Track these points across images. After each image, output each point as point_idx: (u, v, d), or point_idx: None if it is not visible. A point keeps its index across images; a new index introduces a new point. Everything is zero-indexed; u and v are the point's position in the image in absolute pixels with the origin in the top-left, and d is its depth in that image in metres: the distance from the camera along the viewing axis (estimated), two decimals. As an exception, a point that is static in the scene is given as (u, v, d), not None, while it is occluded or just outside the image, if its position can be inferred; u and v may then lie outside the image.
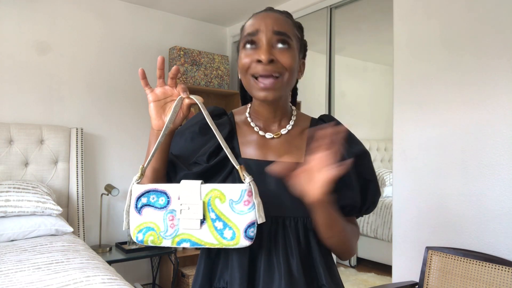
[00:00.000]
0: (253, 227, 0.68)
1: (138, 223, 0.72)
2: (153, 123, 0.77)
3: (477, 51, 1.80)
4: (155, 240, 0.71)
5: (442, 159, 1.93)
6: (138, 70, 3.41)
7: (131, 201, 0.73)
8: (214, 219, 0.69)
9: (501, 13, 1.72)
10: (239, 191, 0.69)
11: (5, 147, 2.41)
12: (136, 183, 0.74)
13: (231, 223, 0.68)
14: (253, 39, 0.79)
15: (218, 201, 0.69)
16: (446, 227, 1.90)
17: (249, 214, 0.68)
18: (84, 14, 2.84)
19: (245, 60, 0.79)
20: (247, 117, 0.89)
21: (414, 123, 2.05)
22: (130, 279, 2.94)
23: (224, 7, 3.13)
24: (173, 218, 0.71)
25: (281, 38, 0.78)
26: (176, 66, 0.73)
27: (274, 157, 0.84)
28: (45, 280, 1.45)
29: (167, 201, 0.71)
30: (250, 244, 0.68)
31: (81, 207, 2.60)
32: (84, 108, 2.83)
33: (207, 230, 0.69)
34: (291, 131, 0.87)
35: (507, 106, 1.70)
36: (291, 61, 0.79)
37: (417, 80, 2.04)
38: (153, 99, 0.76)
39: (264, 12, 0.83)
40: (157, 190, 0.72)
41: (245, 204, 0.68)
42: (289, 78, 0.80)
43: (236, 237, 0.68)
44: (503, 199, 1.70)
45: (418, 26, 2.04)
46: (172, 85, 0.76)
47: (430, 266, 1.82)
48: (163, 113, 0.76)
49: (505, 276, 1.59)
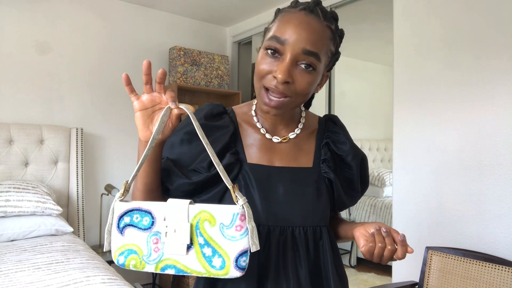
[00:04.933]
0: (245, 256, 0.61)
1: (120, 244, 0.65)
2: (140, 134, 0.69)
3: (477, 51, 1.79)
4: (137, 264, 0.64)
5: (442, 159, 1.92)
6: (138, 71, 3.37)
7: (113, 220, 0.66)
8: (203, 245, 0.62)
9: (501, 13, 1.72)
10: (230, 215, 0.62)
11: (5, 147, 2.41)
12: (118, 201, 0.67)
13: (221, 250, 0.61)
14: (278, 48, 0.71)
15: (208, 225, 0.62)
16: (446, 227, 1.90)
17: (242, 241, 0.61)
18: (84, 14, 2.84)
19: (262, 67, 0.72)
20: (252, 115, 0.83)
21: (414, 123, 2.05)
22: (130, 279, 2.93)
23: (224, 7, 3.13)
24: (157, 241, 0.64)
25: (307, 60, 0.70)
26: (162, 69, 0.66)
27: (281, 162, 0.79)
28: (45, 280, 1.45)
29: (152, 222, 0.64)
30: (241, 275, 0.62)
31: (81, 207, 2.59)
32: (84, 108, 2.83)
33: (194, 256, 0.62)
34: (300, 134, 0.83)
35: (507, 106, 1.70)
36: (308, 87, 0.72)
37: (417, 80, 2.04)
38: (140, 107, 0.68)
39: (304, 13, 0.72)
40: (141, 209, 0.65)
41: (237, 230, 0.61)
42: (300, 101, 0.75)
43: (226, 267, 0.61)
44: (503, 199, 1.70)
45: (418, 26, 2.03)
46: (160, 90, 0.68)
47: (430, 266, 1.82)
48: (150, 123, 0.69)
49: (505, 276, 1.59)
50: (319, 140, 0.84)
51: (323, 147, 0.83)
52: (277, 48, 0.71)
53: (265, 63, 0.72)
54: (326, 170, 0.80)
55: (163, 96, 0.68)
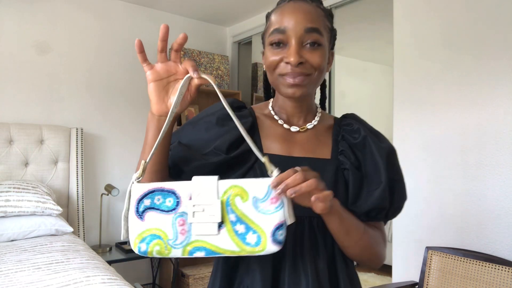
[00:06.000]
0: (282, 229, 0.58)
1: (140, 230, 0.61)
2: (154, 108, 0.65)
3: (477, 51, 1.79)
4: (162, 250, 0.60)
5: (442, 159, 1.92)
6: (138, 71, 3.37)
7: (130, 204, 0.62)
8: (235, 222, 0.59)
9: (501, 13, 1.72)
10: (265, 187, 0.58)
11: (5, 147, 2.41)
12: (136, 182, 0.62)
13: (255, 226, 0.58)
14: (281, 39, 0.72)
15: (239, 200, 0.59)
16: (446, 227, 1.90)
17: (277, 214, 0.58)
18: (84, 14, 2.84)
19: (272, 59, 0.73)
20: (270, 110, 0.83)
21: (414, 123, 2.05)
22: (130, 279, 2.93)
23: (224, 7, 3.13)
24: (183, 222, 0.59)
25: (312, 37, 0.72)
26: (184, 33, 0.61)
27: (299, 152, 0.78)
28: (45, 280, 1.45)
29: (176, 202, 0.60)
30: (278, 249, 0.58)
31: (81, 207, 2.60)
32: (84, 108, 2.83)
33: (226, 235, 0.58)
34: (317, 126, 0.82)
35: (507, 106, 1.70)
36: (321, 60, 0.73)
37: (417, 80, 2.04)
38: (154, 78, 0.64)
39: (293, 2, 0.74)
40: (164, 190, 0.60)
41: (272, 203, 0.58)
42: (318, 77, 0.75)
43: (262, 242, 0.58)
44: (503, 199, 1.70)
45: (418, 26, 2.03)
46: (175, 59, 0.64)
47: (430, 266, 1.82)
48: (165, 96, 0.65)
49: (505, 276, 1.59)
50: (336, 135, 0.82)
51: (340, 140, 0.81)
52: (281, 38, 0.72)
53: (274, 55, 0.73)
54: (344, 160, 0.77)
55: (179, 65, 0.64)
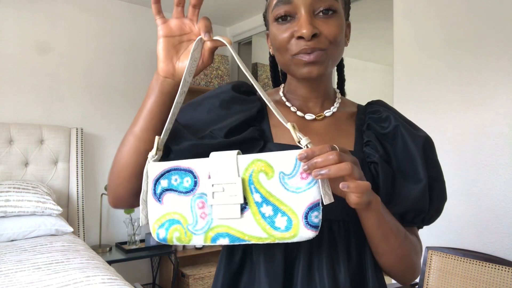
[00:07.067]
0: (317, 210, 0.48)
1: (159, 214, 0.54)
2: (161, 66, 0.57)
3: (477, 51, 1.79)
4: (181, 237, 0.53)
5: (442, 159, 1.91)
6: (138, 70, 3.37)
7: (148, 186, 0.55)
8: (260, 203, 0.50)
9: (501, 13, 1.72)
10: (292, 160, 0.48)
11: (5, 147, 2.41)
12: (152, 161, 0.56)
13: (284, 207, 0.48)
14: (288, 10, 0.60)
15: (264, 177, 0.49)
16: (446, 227, 1.90)
17: (310, 192, 0.48)
18: (84, 14, 2.84)
19: (282, 36, 0.61)
20: (281, 96, 0.71)
21: (414, 123, 2.05)
22: (130, 279, 2.93)
23: (224, 7, 3.13)
24: (203, 205, 0.52)
25: (325, 4, 0.60)
26: None
27: (316, 144, 0.62)
28: (45, 280, 1.45)
29: (194, 182, 0.52)
30: (314, 235, 0.48)
31: (81, 207, 2.60)
32: (84, 108, 2.83)
33: (251, 218, 0.50)
34: (337, 114, 0.70)
35: (507, 106, 1.70)
36: (339, 31, 0.61)
37: (417, 80, 2.04)
38: (165, 33, 0.56)
39: None
40: (180, 168, 0.53)
41: (302, 178, 0.48)
42: (336, 51, 0.63)
43: (294, 226, 0.48)
44: (503, 199, 1.70)
45: (419, 26, 2.03)
46: (192, 17, 0.56)
47: (430, 266, 1.82)
48: (175, 55, 0.57)
49: (505, 276, 1.59)
50: (360, 124, 0.70)
51: (365, 130, 0.68)
52: (287, 10, 0.60)
53: (282, 32, 0.61)
54: (370, 152, 0.64)
55: (195, 25, 0.56)
